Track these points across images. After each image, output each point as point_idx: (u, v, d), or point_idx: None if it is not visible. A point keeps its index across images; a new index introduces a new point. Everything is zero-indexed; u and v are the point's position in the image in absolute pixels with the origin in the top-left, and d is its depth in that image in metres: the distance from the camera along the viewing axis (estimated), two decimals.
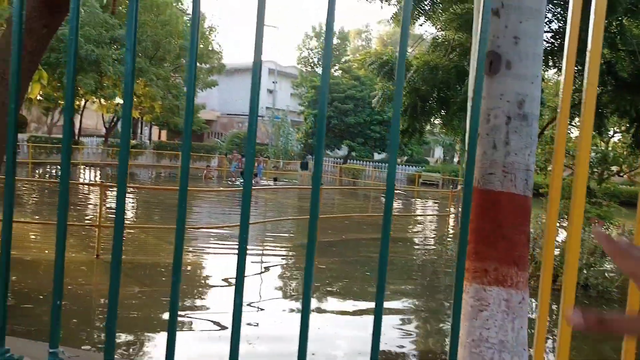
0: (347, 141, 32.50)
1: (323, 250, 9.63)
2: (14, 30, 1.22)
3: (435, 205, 21.09)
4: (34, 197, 13.84)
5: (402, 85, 1.07)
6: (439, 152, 44.38)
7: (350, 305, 6.60)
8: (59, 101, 24.93)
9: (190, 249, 8.80)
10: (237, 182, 22.41)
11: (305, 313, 1.11)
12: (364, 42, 54.89)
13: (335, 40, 47.13)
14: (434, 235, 13.54)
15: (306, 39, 46.87)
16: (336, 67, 45.37)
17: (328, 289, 7.20)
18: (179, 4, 28.12)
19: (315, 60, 46.53)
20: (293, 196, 18.81)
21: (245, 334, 4.94)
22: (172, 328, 1.18)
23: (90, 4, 22.11)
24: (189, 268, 7.67)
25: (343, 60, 44.56)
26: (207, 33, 29.86)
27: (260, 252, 9.14)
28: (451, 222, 14.67)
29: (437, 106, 9.17)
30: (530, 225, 2.58)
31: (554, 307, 5.29)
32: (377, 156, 36.05)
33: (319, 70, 46.81)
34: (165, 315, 5.60)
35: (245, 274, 4.81)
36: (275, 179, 24.66)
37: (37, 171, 21.39)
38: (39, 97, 21.36)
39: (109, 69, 22.30)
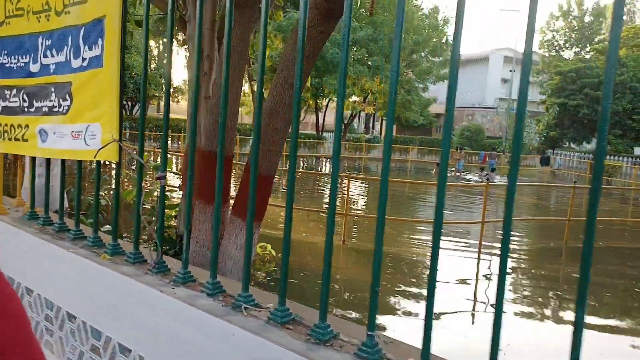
0: None
1: (572, 257, 8.55)
2: (299, 38, 1.37)
3: None
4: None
5: None
6: None
7: (609, 323, 5.69)
8: (308, 102, 28.10)
9: (417, 242, 8.91)
10: (465, 177, 21.75)
11: (578, 329, 0.95)
12: (625, 17, 46.55)
13: (586, 18, 41.27)
14: None
15: (551, 19, 42.18)
16: (587, 49, 39.74)
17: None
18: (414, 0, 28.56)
19: (562, 42, 41.56)
20: (530, 194, 17.27)
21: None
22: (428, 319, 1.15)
23: None
24: (414, 258, 7.75)
25: (596, 40, 38.71)
26: (440, 26, 29.63)
27: (489, 253, 8.59)
28: None
29: None
30: None
31: None
32: (638, 151, 30.32)
33: (566, 54, 41.77)
34: (398, 302, 5.77)
35: (481, 276, 4.54)
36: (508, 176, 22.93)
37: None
38: None
39: (349, 69, 24.11)
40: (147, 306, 1.60)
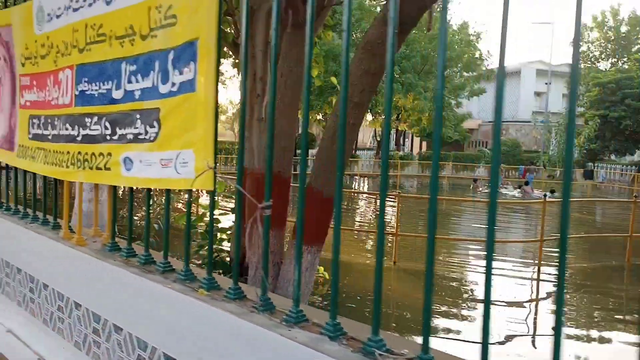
0: None
1: (638, 275, 8.07)
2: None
3: None
4: None
5: None
6: None
7: None
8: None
9: (456, 260, 8.64)
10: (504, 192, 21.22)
11: None
12: None
13: (623, 28, 40.23)
14: None
15: (585, 30, 41.28)
16: (624, 59, 38.70)
17: None
18: None
19: (597, 53, 40.58)
20: (576, 209, 16.64)
21: None
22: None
23: None
24: (453, 283, 7.46)
25: (634, 49, 37.63)
26: (472, 41, 29.31)
27: (530, 274, 8.14)
28: None
29: None
30: None
31: None
32: None
33: (602, 65, 40.65)
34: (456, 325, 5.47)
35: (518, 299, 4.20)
36: (552, 191, 22.13)
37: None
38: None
39: (380, 86, 24.02)
40: (262, 351, 1.46)
